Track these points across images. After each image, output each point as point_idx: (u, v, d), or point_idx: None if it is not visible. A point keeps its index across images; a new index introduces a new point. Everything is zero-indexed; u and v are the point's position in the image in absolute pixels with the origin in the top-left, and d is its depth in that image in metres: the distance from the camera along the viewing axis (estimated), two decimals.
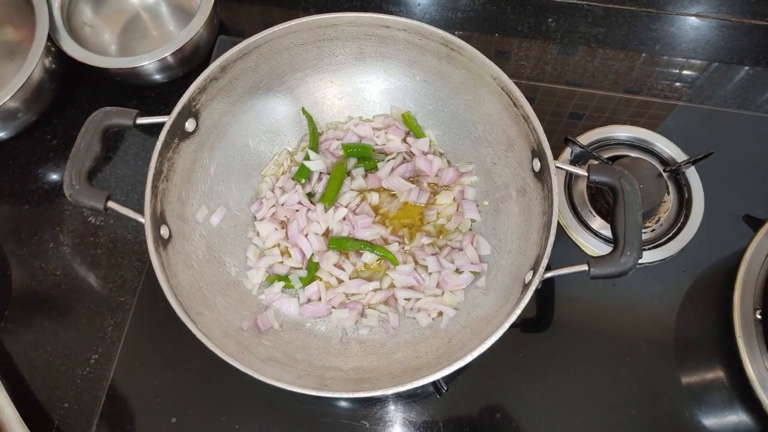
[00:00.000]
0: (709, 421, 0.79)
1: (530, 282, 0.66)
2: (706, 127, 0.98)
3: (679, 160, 0.91)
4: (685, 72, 1.04)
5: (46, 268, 0.91)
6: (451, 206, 0.85)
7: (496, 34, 1.08)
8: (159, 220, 0.72)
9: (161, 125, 0.74)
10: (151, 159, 0.72)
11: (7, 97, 0.87)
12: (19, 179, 0.99)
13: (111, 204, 0.70)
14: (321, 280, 0.82)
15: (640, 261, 0.85)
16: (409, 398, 0.81)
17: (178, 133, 0.76)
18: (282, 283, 0.81)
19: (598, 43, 1.07)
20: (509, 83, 0.74)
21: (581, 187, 0.91)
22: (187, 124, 0.77)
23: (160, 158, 0.73)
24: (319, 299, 0.81)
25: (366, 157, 0.88)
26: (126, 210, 0.69)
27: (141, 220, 0.69)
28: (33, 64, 0.89)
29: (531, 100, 1.01)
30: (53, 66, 0.95)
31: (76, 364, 0.85)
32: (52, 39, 0.94)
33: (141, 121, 0.73)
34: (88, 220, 0.95)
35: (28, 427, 0.78)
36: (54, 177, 0.98)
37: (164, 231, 0.72)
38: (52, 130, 1.01)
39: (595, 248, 0.87)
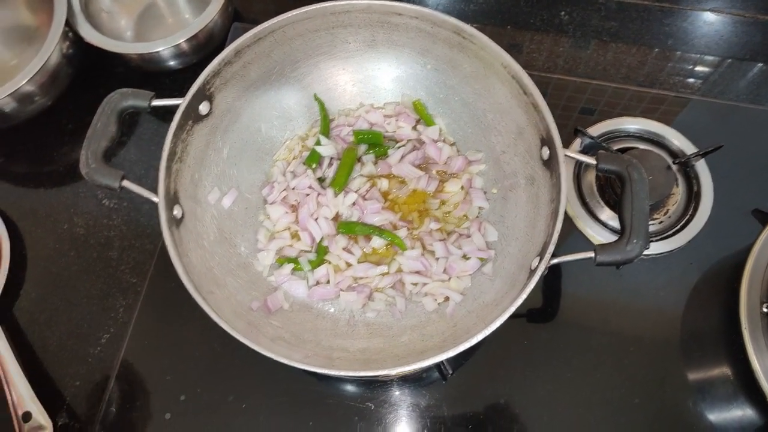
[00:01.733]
0: (712, 413, 0.79)
1: (536, 268, 0.67)
2: (717, 121, 0.97)
3: (688, 153, 0.91)
4: (698, 67, 1.04)
5: (61, 249, 0.93)
6: (458, 194, 0.86)
7: (509, 27, 1.08)
8: (172, 200, 0.73)
9: (175, 109, 0.75)
10: (166, 139, 0.73)
11: (24, 81, 0.89)
12: (35, 162, 1.01)
13: (125, 183, 0.71)
14: (330, 263, 0.82)
15: (647, 252, 0.86)
16: (414, 382, 0.82)
17: (192, 116, 0.77)
18: (291, 266, 0.82)
19: (610, 37, 1.07)
20: (520, 71, 0.75)
21: (590, 178, 0.92)
22: (201, 106, 0.78)
23: (175, 139, 0.74)
24: (328, 282, 0.81)
25: (376, 143, 0.89)
26: (140, 189, 0.70)
27: (155, 199, 0.70)
28: (50, 49, 0.91)
29: (543, 94, 1.01)
30: (70, 51, 0.97)
31: (88, 344, 0.87)
32: (69, 24, 0.95)
33: (156, 103, 0.74)
34: (102, 202, 0.96)
35: (41, 403, 0.79)
36: (69, 160, 1.00)
37: (177, 211, 0.73)
38: (67, 115, 1.03)
39: (603, 239, 0.88)
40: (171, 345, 0.85)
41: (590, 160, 0.71)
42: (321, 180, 0.87)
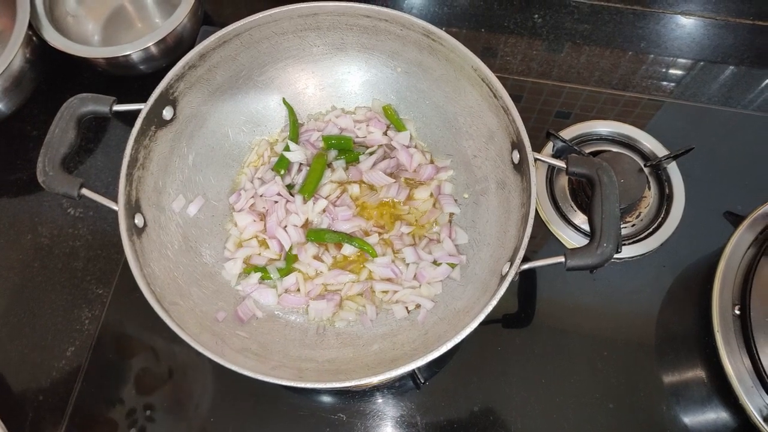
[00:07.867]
0: (686, 415, 0.79)
1: (507, 273, 0.66)
2: (689, 123, 0.98)
3: (660, 156, 0.90)
4: (671, 70, 1.04)
5: (24, 260, 0.90)
6: (428, 201, 0.85)
7: (483, 30, 1.08)
8: (134, 208, 0.71)
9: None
10: (127, 145, 0.71)
11: None
12: None
13: (84, 191, 0.69)
14: (299, 271, 0.81)
15: (620, 255, 0.86)
16: (387, 392, 0.81)
17: (155, 121, 0.75)
18: (259, 274, 0.80)
19: (584, 40, 1.07)
20: (489, 74, 0.74)
21: (563, 182, 0.91)
22: (164, 112, 0.76)
23: (136, 145, 0.72)
24: (298, 290, 0.80)
25: (346, 149, 0.87)
26: (99, 197, 0.68)
27: (114, 207, 0.68)
28: (12, 54, 0.89)
29: (518, 98, 1.01)
30: (34, 56, 0.94)
31: (52, 357, 0.84)
32: (33, 28, 0.93)
33: (118, 108, 0.73)
34: (67, 211, 0.94)
35: (3, 419, 0.77)
36: (33, 168, 0.95)
37: (139, 220, 0.71)
38: (32, 121, 1.00)
39: (576, 243, 0.87)
40: (136, 357, 0.83)
41: (560, 164, 0.71)
42: (290, 186, 0.85)
